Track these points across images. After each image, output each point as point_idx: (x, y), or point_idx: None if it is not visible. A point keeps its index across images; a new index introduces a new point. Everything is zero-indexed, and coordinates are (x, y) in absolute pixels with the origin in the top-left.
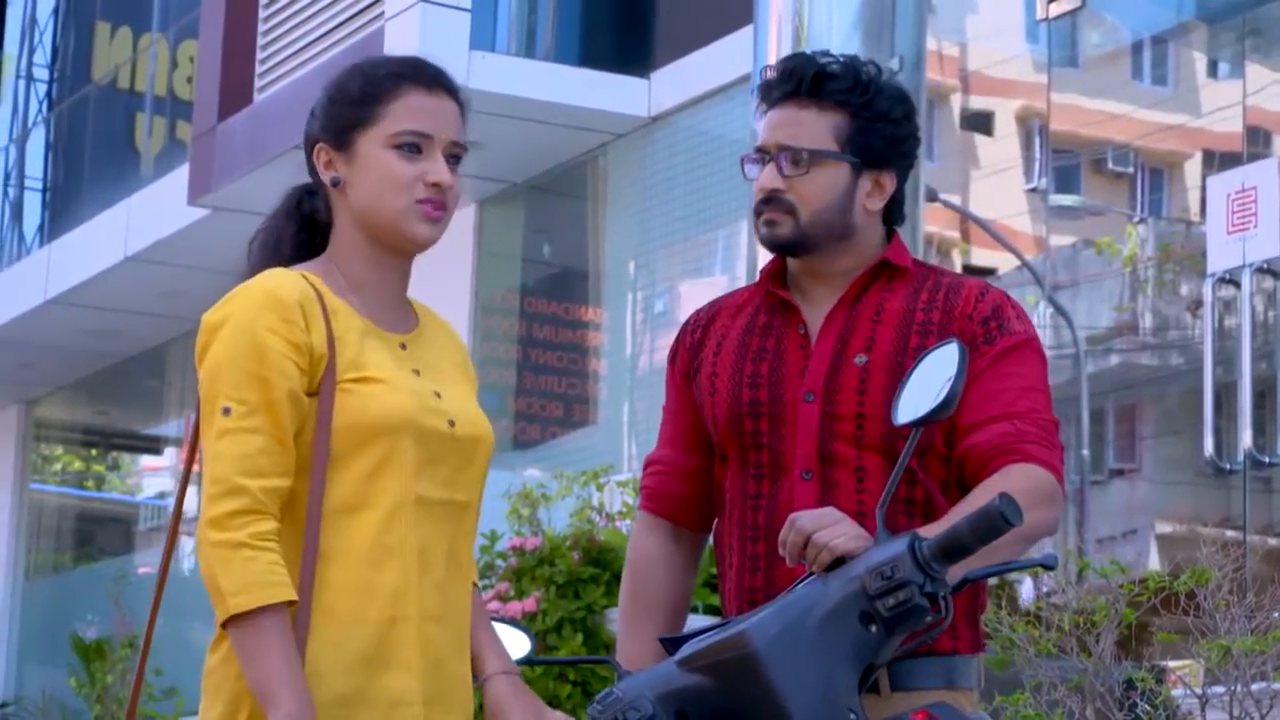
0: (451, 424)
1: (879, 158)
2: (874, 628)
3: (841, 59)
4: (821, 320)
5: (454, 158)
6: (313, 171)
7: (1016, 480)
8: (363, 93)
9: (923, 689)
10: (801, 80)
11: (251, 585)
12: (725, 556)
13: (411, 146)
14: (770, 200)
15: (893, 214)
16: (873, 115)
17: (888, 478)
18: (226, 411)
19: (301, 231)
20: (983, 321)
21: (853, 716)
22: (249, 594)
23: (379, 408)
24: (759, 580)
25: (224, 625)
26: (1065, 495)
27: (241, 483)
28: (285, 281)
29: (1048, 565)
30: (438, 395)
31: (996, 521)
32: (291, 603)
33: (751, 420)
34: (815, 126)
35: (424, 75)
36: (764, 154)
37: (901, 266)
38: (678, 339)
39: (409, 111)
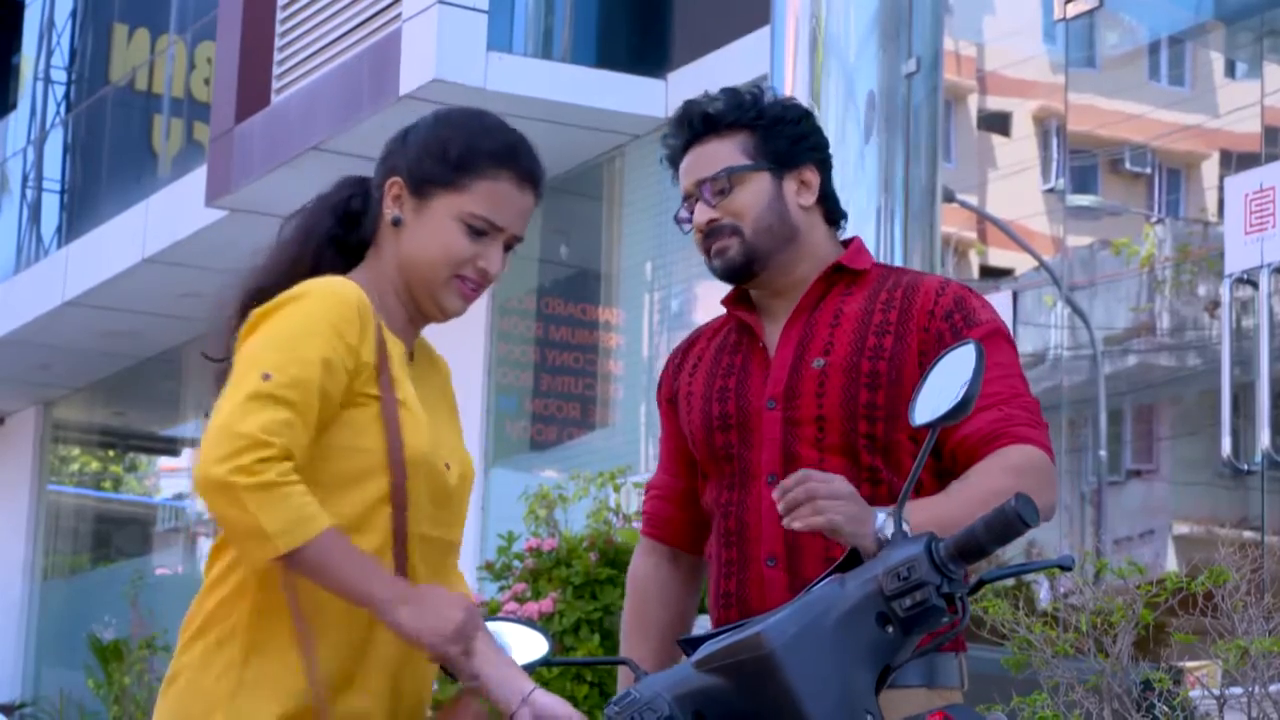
0: (448, 466)
1: (790, 157)
2: (891, 628)
3: (720, 93)
4: (780, 330)
5: (509, 246)
6: (377, 190)
7: (1015, 460)
8: (460, 160)
9: (905, 687)
10: (692, 122)
11: (296, 521)
12: (709, 566)
13: (480, 230)
14: (711, 233)
15: (832, 211)
16: (769, 122)
17: (851, 478)
18: (266, 377)
19: (338, 226)
20: (946, 316)
21: (870, 718)
22: (299, 528)
23: (410, 438)
24: (733, 585)
25: (276, 560)
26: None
27: (266, 438)
28: (350, 287)
29: (1064, 566)
30: (437, 434)
31: (1013, 521)
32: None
33: (721, 433)
34: (721, 152)
35: (520, 167)
36: (689, 198)
37: (859, 270)
38: (664, 367)
39: (493, 197)
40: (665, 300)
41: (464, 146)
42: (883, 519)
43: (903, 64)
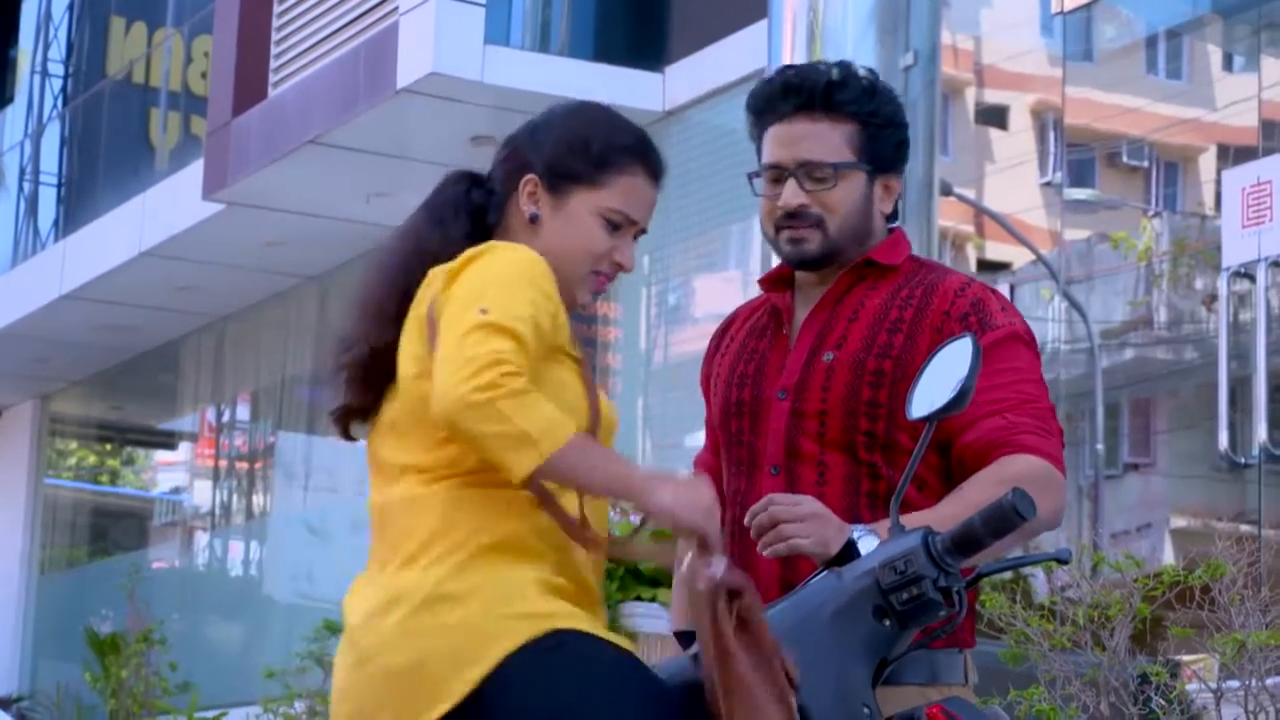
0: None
1: (889, 162)
2: (888, 622)
3: (839, 66)
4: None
5: (634, 239)
6: (503, 186)
7: (1011, 470)
8: (600, 156)
9: (905, 684)
10: (813, 92)
11: (554, 423)
12: None
13: (615, 224)
14: (796, 216)
15: (894, 212)
16: (882, 122)
17: (847, 474)
18: (483, 311)
19: (469, 222)
20: (961, 318)
21: (867, 711)
22: (559, 429)
23: (602, 400)
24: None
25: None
26: (1065, 479)
27: (499, 357)
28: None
29: (1061, 560)
30: None
31: (1009, 515)
32: None
33: (735, 419)
34: (832, 138)
35: (653, 162)
36: (779, 170)
37: (890, 265)
38: (708, 347)
39: (631, 192)
40: (663, 294)
41: (604, 143)
42: (860, 533)
43: (900, 57)
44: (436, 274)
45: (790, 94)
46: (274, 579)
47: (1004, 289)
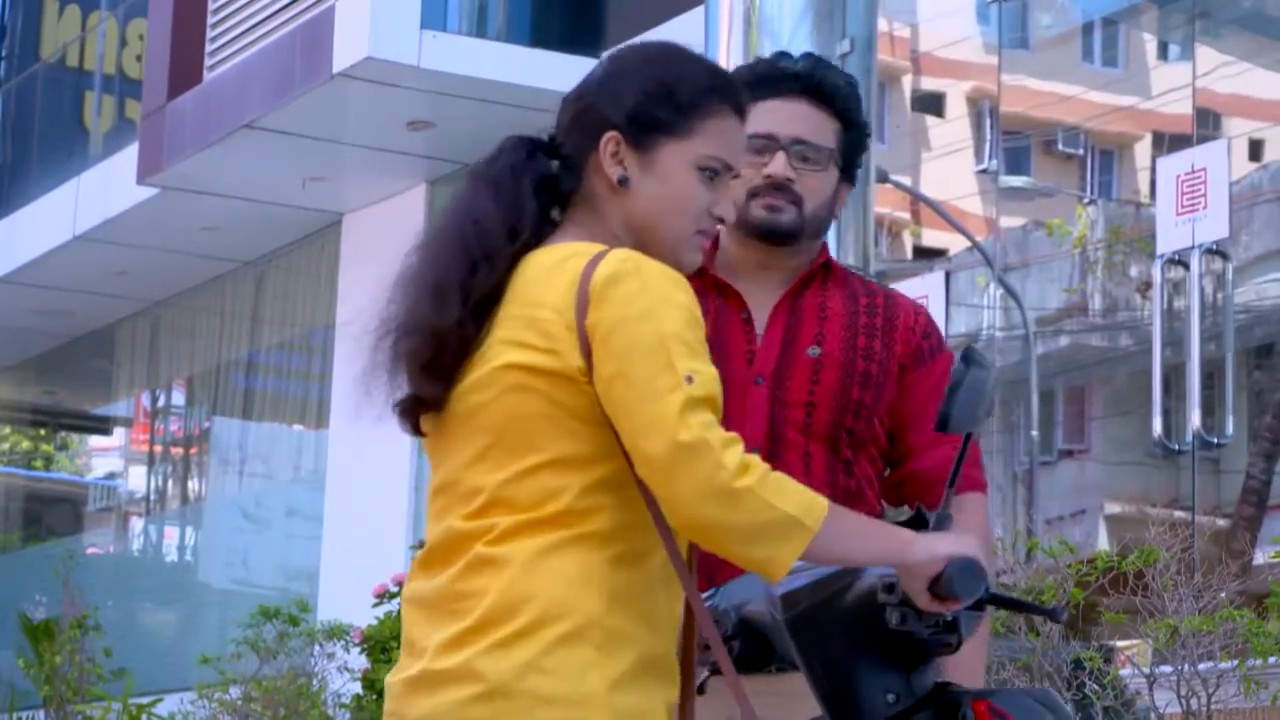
0: None
1: (852, 170)
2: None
3: (842, 71)
4: (769, 310)
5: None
6: (579, 149)
7: (978, 519)
8: (690, 101)
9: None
10: (821, 83)
11: (809, 498)
12: None
13: (713, 172)
14: (778, 188)
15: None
16: (861, 134)
17: (828, 466)
18: (689, 380)
19: (540, 195)
20: (925, 335)
21: (891, 696)
22: (815, 502)
23: None
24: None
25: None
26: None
27: (726, 438)
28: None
29: (1056, 618)
30: None
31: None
32: None
33: None
34: (824, 129)
35: (739, 97)
36: (771, 141)
37: (836, 270)
38: None
39: (720, 135)
40: None
41: (690, 86)
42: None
43: (837, 45)
44: (558, 276)
45: (800, 77)
46: (209, 565)
47: (939, 275)
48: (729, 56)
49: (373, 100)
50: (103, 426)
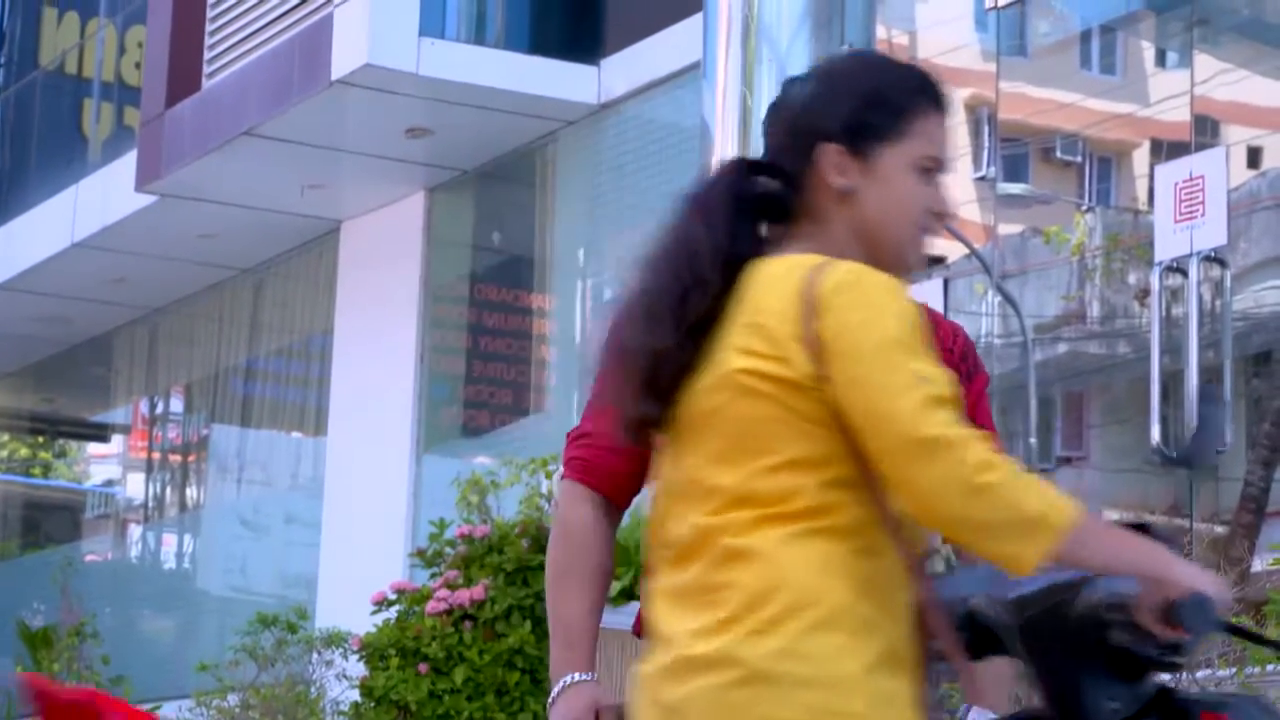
0: None
1: None
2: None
3: None
4: None
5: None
6: (797, 164)
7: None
8: (898, 105)
9: None
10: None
11: (1059, 501)
12: None
13: (929, 171)
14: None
15: None
16: None
17: None
18: (925, 379)
19: (754, 220)
20: (963, 357)
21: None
22: (1066, 505)
23: None
24: None
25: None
26: None
27: (969, 433)
28: None
29: None
30: None
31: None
32: None
33: None
34: None
35: (941, 97)
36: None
37: None
38: None
39: (931, 134)
40: (598, 286)
41: (901, 90)
42: None
43: (835, 52)
44: (784, 285)
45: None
46: (207, 572)
47: (938, 283)
48: (727, 64)
49: (371, 107)
50: (101, 434)
